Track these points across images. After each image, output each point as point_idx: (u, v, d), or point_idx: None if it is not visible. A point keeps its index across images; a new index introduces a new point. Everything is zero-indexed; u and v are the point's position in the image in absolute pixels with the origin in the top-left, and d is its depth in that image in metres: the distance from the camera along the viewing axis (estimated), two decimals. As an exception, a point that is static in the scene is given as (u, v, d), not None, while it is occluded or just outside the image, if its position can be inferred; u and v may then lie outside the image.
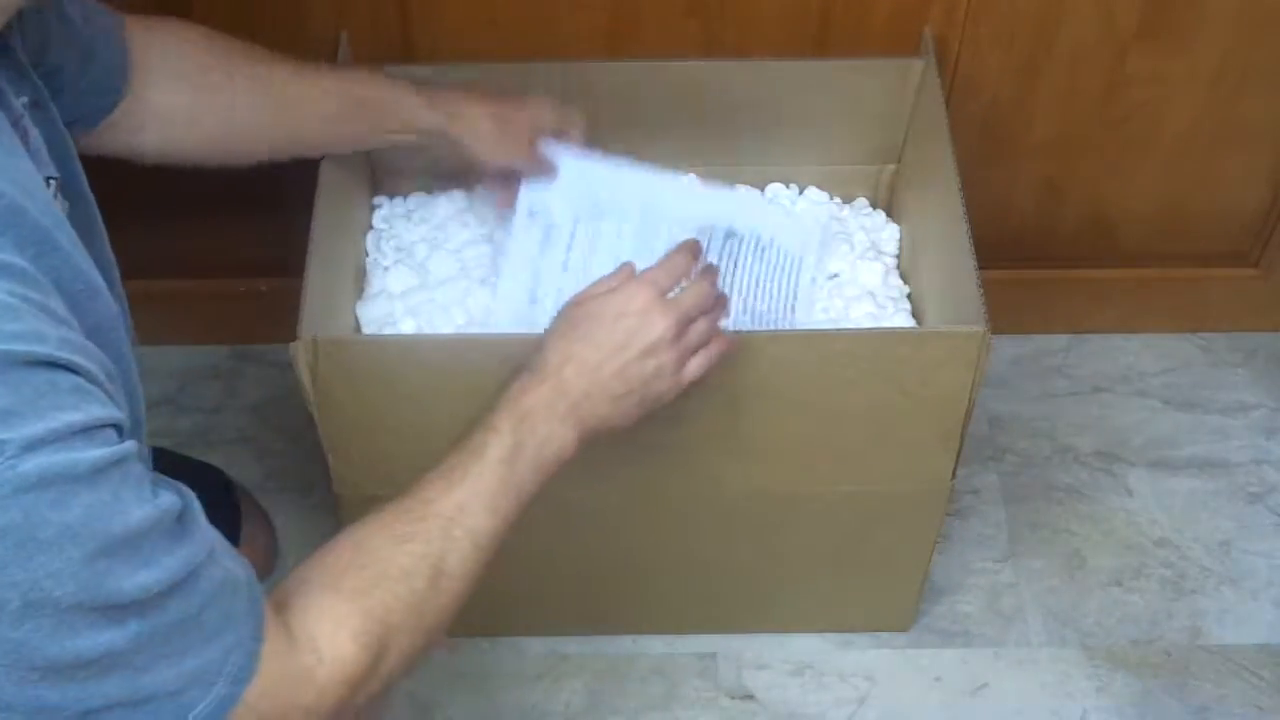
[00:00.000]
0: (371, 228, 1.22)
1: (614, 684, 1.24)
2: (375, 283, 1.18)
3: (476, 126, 1.09)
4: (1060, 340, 1.49)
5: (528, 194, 1.15)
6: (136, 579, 0.59)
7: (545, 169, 1.14)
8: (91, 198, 0.81)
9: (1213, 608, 1.29)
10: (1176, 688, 1.24)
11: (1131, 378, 1.46)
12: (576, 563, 1.18)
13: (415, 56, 1.22)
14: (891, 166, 1.25)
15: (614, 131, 1.23)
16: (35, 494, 0.55)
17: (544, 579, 1.20)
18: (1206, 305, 1.47)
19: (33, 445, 0.55)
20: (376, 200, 1.24)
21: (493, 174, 1.16)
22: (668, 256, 0.93)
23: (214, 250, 1.41)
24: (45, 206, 0.65)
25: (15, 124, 0.70)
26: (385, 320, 1.15)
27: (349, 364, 0.98)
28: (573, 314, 0.89)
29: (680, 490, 1.10)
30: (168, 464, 1.06)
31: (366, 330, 1.14)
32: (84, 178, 0.81)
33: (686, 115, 1.22)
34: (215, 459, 1.30)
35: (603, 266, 0.96)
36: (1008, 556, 1.33)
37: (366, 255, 1.20)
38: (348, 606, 0.72)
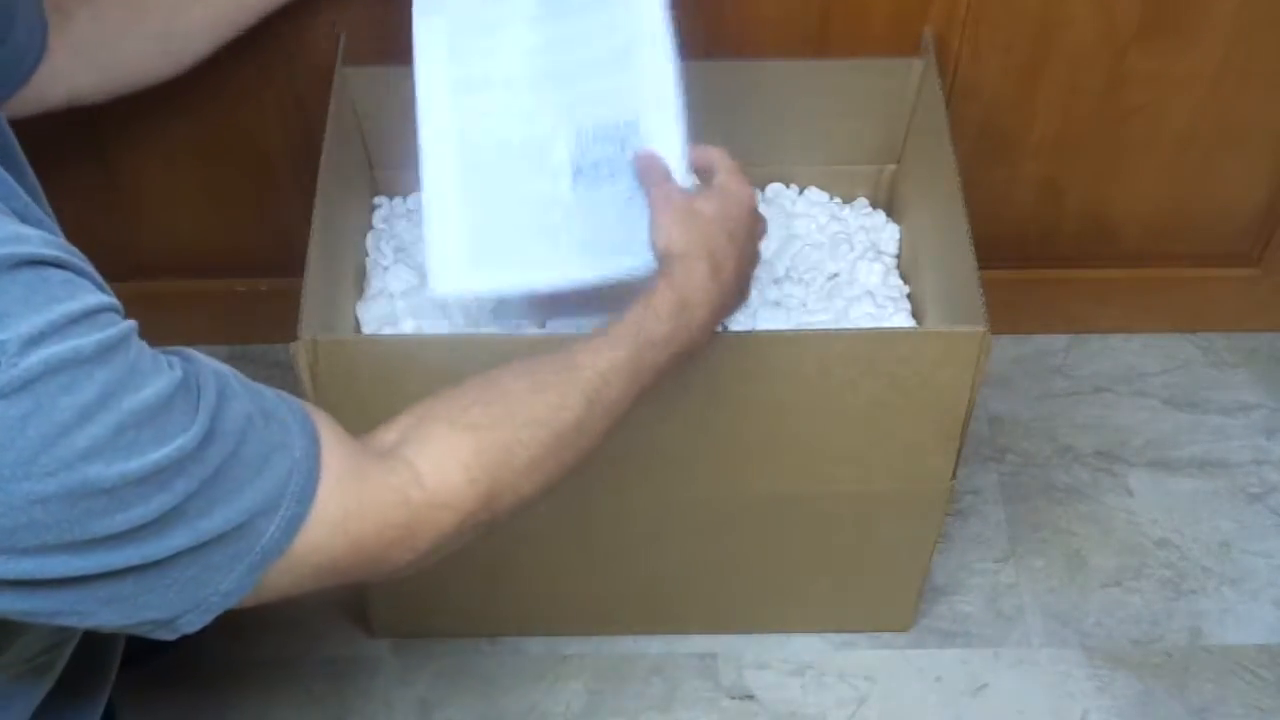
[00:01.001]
0: (371, 228, 1.22)
1: (614, 684, 1.24)
2: (375, 283, 1.18)
3: None
4: (1060, 340, 1.49)
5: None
6: (170, 446, 0.60)
7: None
8: (17, 147, 0.79)
9: (1213, 608, 1.29)
10: (1176, 688, 1.24)
11: (1131, 378, 1.46)
12: (577, 563, 1.18)
13: (415, 56, 1.22)
14: (891, 166, 1.25)
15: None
16: (44, 382, 0.55)
17: (544, 579, 1.20)
18: (1206, 305, 1.47)
19: (33, 340, 0.55)
20: (376, 200, 1.24)
21: None
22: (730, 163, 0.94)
23: (214, 250, 1.41)
24: None
25: None
26: (385, 320, 1.15)
27: (349, 364, 0.98)
28: (722, 213, 0.90)
29: (680, 491, 1.10)
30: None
31: (366, 330, 1.14)
32: (21, 157, 0.78)
33: (687, 115, 1.22)
34: (215, 459, 1.30)
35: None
36: (1008, 556, 1.33)
37: (366, 255, 1.20)
38: (461, 438, 0.73)
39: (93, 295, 0.59)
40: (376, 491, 0.69)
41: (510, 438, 0.74)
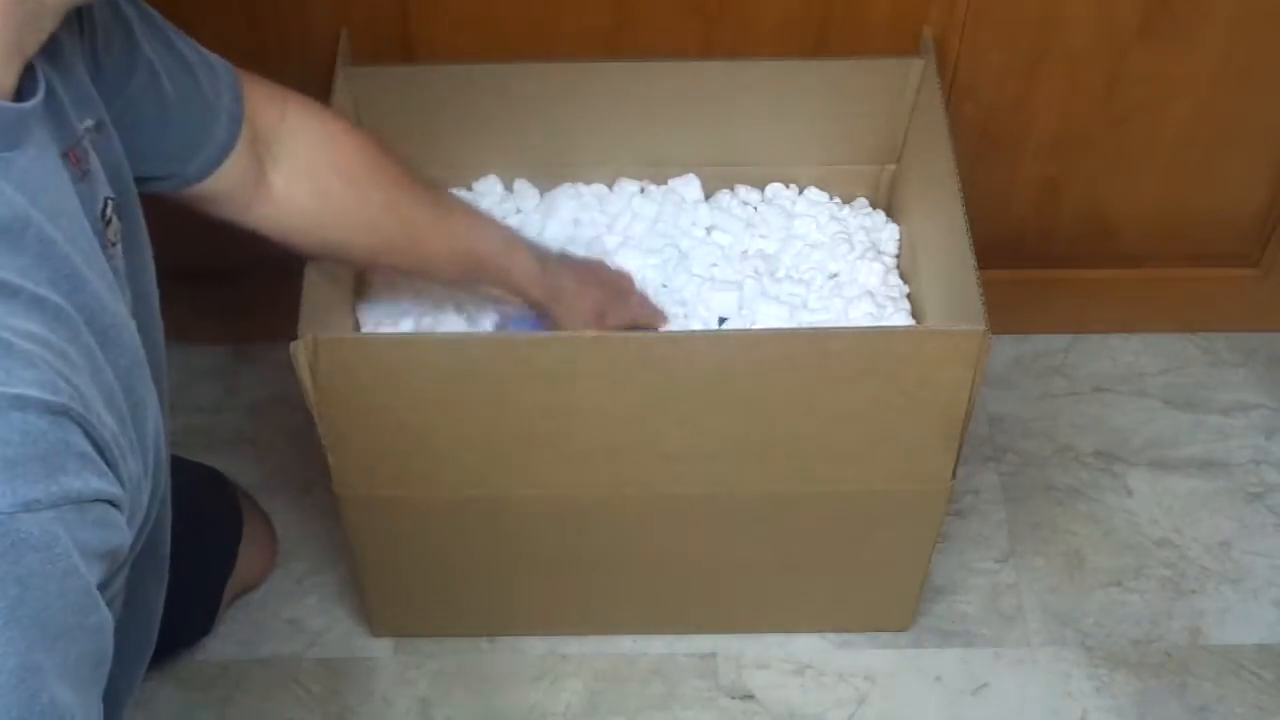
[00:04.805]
0: (371, 227, 1.22)
1: (614, 684, 1.24)
2: (375, 283, 1.18)
3: (576, 310, 1.13)
4: (1060, 340, 1.49)
5: None
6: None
7: None
8: (142, 220, 0.81)
9: (1213, 608, 1.29)
10: (1176, 688, 1.24)
11: (1131, 378, 1.46)
12: (576, 563, 1.18)
13: (415, 55, 1.22)
14: (891, 166, 1.26)
15: (614, 131, 1.23)
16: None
17: (544, 579, 1.20)
18: (1206, 305, 1.47)
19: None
20: (376, 200, 1.24)
21: None
22: None
23: (214, 250, 1.41)
24: (76, 237, 0.65)
25: (75, 146, 0.70)
26: (385, 320, 1.15)
27: (349, 363, 0.98)
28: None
29: (680, 490, 1.10)
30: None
31: (366, 330, 1.14)
32: (137, 199, 0.81)
33: (686, 115, 1.22)
34: (215, 459, 1.30)
35: None
36: (1008, 556, 1.33)
37: (366, 255, 1.20)
38: None
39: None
40: None
41: None
